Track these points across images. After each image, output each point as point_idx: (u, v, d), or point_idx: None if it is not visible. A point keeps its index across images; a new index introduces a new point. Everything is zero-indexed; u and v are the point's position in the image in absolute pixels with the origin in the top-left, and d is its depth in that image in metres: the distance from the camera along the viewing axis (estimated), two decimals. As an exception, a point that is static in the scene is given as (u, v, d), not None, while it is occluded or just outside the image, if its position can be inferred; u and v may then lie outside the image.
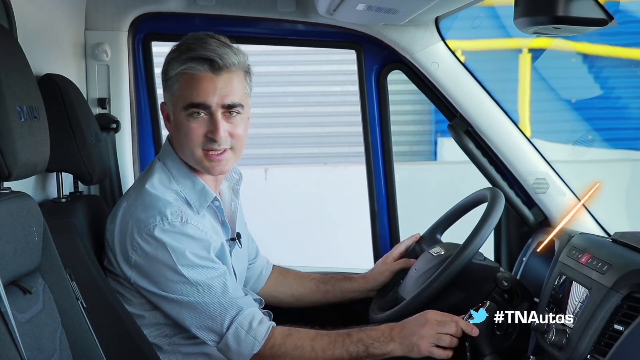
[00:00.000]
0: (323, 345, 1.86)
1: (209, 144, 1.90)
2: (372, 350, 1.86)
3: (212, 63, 1.87)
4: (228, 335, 1.84)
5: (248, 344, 1.84)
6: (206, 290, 1.85)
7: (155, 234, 1.84)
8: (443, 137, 7.23)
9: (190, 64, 1.88)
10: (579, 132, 6.80)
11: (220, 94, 1.89)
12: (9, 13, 1.84)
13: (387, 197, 2.72)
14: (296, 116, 7.30)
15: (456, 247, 2.09)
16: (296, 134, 7.32)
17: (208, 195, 1.95)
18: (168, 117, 1.98)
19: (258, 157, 7.13)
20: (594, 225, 2.43)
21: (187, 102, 1.89)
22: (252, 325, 1.85)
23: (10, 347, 1.29)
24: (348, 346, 1.86)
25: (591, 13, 1.48)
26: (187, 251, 1.85)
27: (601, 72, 7.06)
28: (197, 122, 1.90)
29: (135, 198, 1.93)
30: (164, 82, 1.96)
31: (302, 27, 2.63)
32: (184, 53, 1.90)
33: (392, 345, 1.87)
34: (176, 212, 1.88)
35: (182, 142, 1.93)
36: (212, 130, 1.89)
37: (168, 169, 1.97)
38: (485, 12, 6.02)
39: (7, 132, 1.39)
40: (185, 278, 1.84)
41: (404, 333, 1.87)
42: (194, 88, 1.88)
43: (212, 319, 1.85)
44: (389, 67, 2.64)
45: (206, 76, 1.88)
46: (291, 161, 7.20)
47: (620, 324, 1.65)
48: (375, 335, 1.88)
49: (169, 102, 1.95)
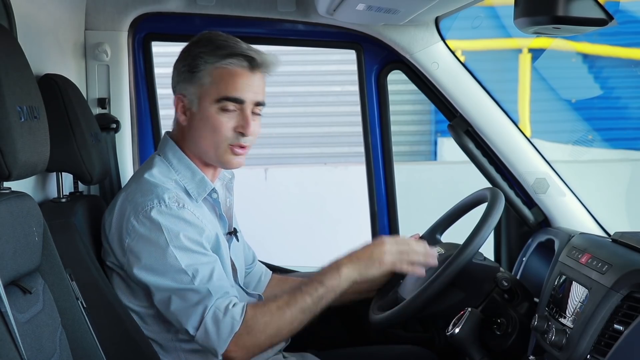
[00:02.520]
0: (286, 300, 1.90)
1: (236, 139, 1.96)
2: (328, 282, 1.92)
3: (251, 61, 1.94)
4: (207, 319, 1.84)
5: (227, 325, 1.84)
6: (195, 275, 1.85)
7: (151, 214, 1.87)
8: (443, 137, 7.23)
9: (231, 59, 1.93)
10: (579, 132, 6.80)
11: (254, 91, 1.96)
12: (9, 13, 1.84)
13: (387, 197, 2.72)
14: (296, 116, 7.30)
15: (456, 247, 2.08)
16: (296, 134, 7.32)
17: (207, 185, 1.98)
18: (184, 109, 2.00)
19: (258, 157, 7.13)
20: (594, 225, 2.43)
21: (221, 96, 1.94)
22: (228, 307, 1.85)
23: (10, 347, 1.29)
24: (306, 289, 1.91)
25: (591, 13, 1.48)
26: (182, 234, 1.87)
27: (601, 72, 7.06)
28: (228, 116, 1.95)
29: (134, 187, 1.95)
30: (186, 75, 1.98)
31: (302, 27, 2.63)
32: (219, 49, 1.94)
33: (344, 270, 1.95)
34: (174, 197, 1.90)
35: (205, 135, 1.96)
36: (242, 125, 1.95)
37: (168, 160, 2.00)
38: (485, 12, 6.02)
39: (7, 132, 1.39)
40: (176, 260, 1.85)
41: (358, 255, 1.98)
42: (231, 83, 1.94)
43: (197, 303, 1.85)
44: (389, 67, 2.64)
45: (244, 73, 1.95)
46: (291, 161, 7.21)
47: (620, 324, 1.65)
48: (326, 268, 1.97)
49: (194, 95, 1.97)
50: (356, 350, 2.43)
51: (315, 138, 7.34)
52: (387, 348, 2.45)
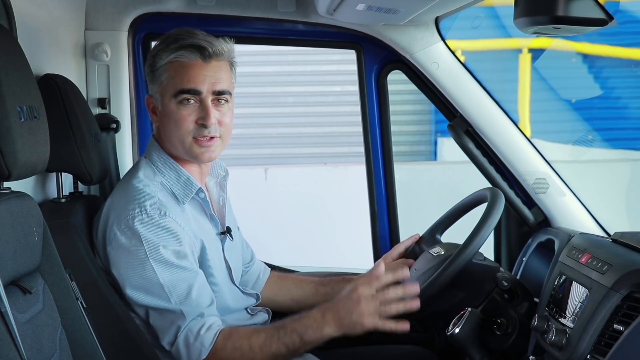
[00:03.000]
0: (260, 343, 1.85)
1: (199, 131, 1.93)
2: (307, 338, 1.85)
3: (202, 50, 1.92)
4: (179, 340, 1.84)
5: (196, 350, 1.84)
6: (172, 292, 1.85)
7: (132, 224, 1.86)
8: (443, 137, 7.23)
9: (181, 52, 1.91)
10: (579, 132, 6.80)
11: (210, 81, 1.93)
12: (9, 13, 1.84)
13: (387, 197, 2.72)
14: (296, 116, 7.30)
15: (456, 247, 2.09)
16: (296, 134, 7.32)
17: (193, 185, 1.97)
18: (154, 110, 2.00)
19: (258, 157, 7.14)
20: (594, 225, 2.43)
21: (177, 89, 1.92)
22: (200, 332, 1.84)
23: (10, 347, 1.29)
24: (283, 338, 1.85)
25: (591, 13, 1.48)
26: (162, 246, 1.85)
27: (601, 72, 7.06)
28: (188, 109, 1.93)
29: (119, 193, 1.95)
30: (149, 75, 1.99)
31: (302, 27, 2.63)
32: (172, 43, 1.93)
33: (327, 329, 1.86)
34: (155, 204, 1.89)
35: (171, 131, 1.95)
36: (202, 117, 1.93)
37: (153, 162, 1.99)
38: (485, 12, 6.02)
39: (7, 132, 1.39)
40: (154, 274, 1.84)
41: (340, 314, 1.85)
42: (184, 75, 1.92)
43: (171, 323, 1.85)
44: (389, 67, 2.64)
45: (196, 64, 1.92)
46: (291, 161, 7.21)
47: (620, 324, 1.66)
48: (308, 322, 1.87)
49: (157, 93, 1.97)
50: (356, 350, 2.43)
51: (315, 138, 7.34)
52: (387, 348, 2.45)
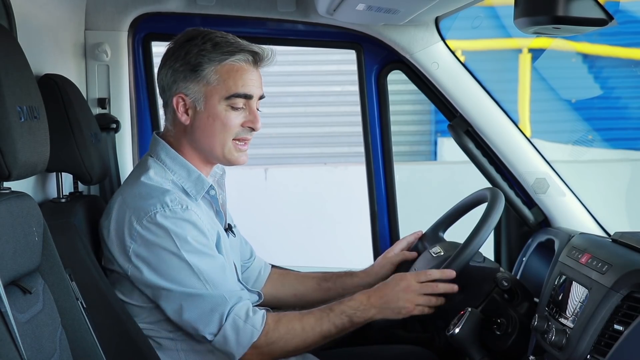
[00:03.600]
0: (311, 324, 1.94)
1: (244, 134, 1.98)
2: (355, 320, 1.97)
3: (255, 56, 1.97)
4: (226, 326, 1.85)
5: (247, 333, 1.85)
6: (207, 280, 1.86)
7: (157, 219, 1.85)
8: (443, 137, 7.23)
9: (237, 56, 1.94)
10: (579, 132, 6.80)
11: (258, 86, 1.99)
12: (9, 13, 1.84)
13: (387, 197, 2.72)
14: (296, 116, 7.31)
15: (456, 247, 2.09)
16: (296, 134, 7.32)
17: (204, 183, 1.98)
18: (187, 109, 1.97)
19: (258, 157, 7.13)
20: (594, 225, 2.43)
21: (230, 93, 1.94)
22: (249, 314, 1.87)
23: (10, 347, 1.29)
24: (333, 320, 1.95)
25: (591, 13, 1.48)
26: (189, 237, 1.86)
27: (601, 72, 7.06)
28: (237, 113, 1.96)
29: (131, 191, 1.93)
30: (187, 73, 1.94)
31: (302, 27, 2.63)
32: (222, 46, 1.94)
33: (373, 311, 1.98)
34: (176, 199, 1.89)
35: (214, 132, 1.96)
36: (252, 120, 1.97)
37: (162, 161, 1.98)
38: (485, 12, 6.01)
39: (7, 132, 1.39)
40: (188, 265, 1.85)
41: (387, 299, 1.99)
42: (239, 79, 1.95)
43: (212, 310, 1.85)
44: (389, 67, 2.64)
45: (249, 68, 1.97)
46: (291, 161, 7.21)
47: (620, 324, 1.65)
48: (355, 305, 1.97)
49: (199, 93, 1.95)
50: (356, 350, 2.43)
51: (315, 138, 7.34)
52: (387, 348, 2.45)
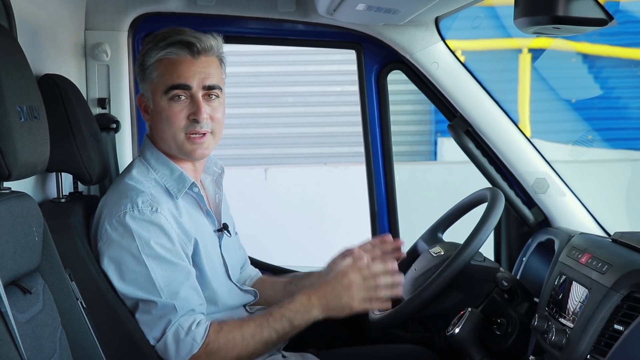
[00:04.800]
0: (251, 331, 1.89)
1: (191, 127, 1.95)
2: (296, 322, 1.91)
3: (190, 46, 1.94)
4: (168, 334, 1.84)
5: (187, 345, 1.84)
6: (163, 286, 1.85)
7: (124, 220, 1.86)
8: (443, 137, 7.23)
9: (170, 49, 1.93)
10: (579, 132, 6.80)
11: (199, 76, 1.94)
12: (9, 13, 1.84)
13: (387, 197, 2.72)
14: (296, 116, 7.30)
15: (456, 247, 2.09)
16: (296, 134, 7.32)
17: (186, 181, 1.97)
18: (146, 108, 2.01)
19: (258, 157, 7.13)
20: (594, 225, 2.43)
21: (167, 86, 1.94)
22: (191, 328, 1.85)
23: (10, 347, 1.29)
24: (273, 325, 1.90)
25: (591, 13, 1.48)
26: (152, 241, 1.86)
27: (601, 72, 7.06)
28: (179, 105, 1.95)
29: (112, 191, 1.96)
30: (140, 74, 2.00)
31: (302, 27, 2.63)
32: (160, 41, 1.95)
33: (315, 312, 1.92)
34: (147, 200, 1.89)
35: (163, 128, 1.96)
36: (194, 112, 1.94)
37: (147, 160, 2.00)
38: (485, 12, 6.02)
39: (7, 132, 1.39)
40: (146, 269, 1.85)
41: (328, 297, 1.92)
42: (174, 71, 1.93)
43: (160, 317, 1.85)
44: (389, 67, 2.64)
45: (185, 60, 1.94)
46: (291, 161, 7.20)
47: (620, 324, 1.66)
48: (295, 307, 1.92)
49: (148, 92, 1.99)
50: (356, 350, 2.43)
51: (315, 138, 7.34)
52: (387, 348, 2.45)
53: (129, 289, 1.86)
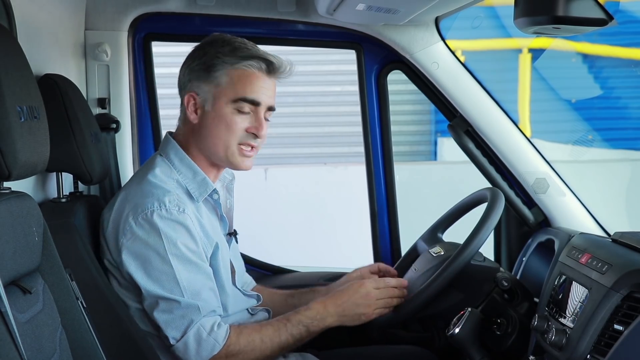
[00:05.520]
0: (270, 335, 1.94)
1: (247, 139, 1.99)
2: (312, 329, 1.98)
3: (269, 64, 1.98)
4: (190, 334, 1.85)
5: (209, 345, 1.86)
6: (187, 287, 1.86)
7: (152, 218, 1.87)
8: (443, 137, 7.23)
9: (250, 61, 1.96)
10: (579, 132, 6.80)
11: (269, 95, 2.00)
12: (9, 13, 1.84)
13: (387, 197, 2.72)
14: (296, 116, 7.30)
15: (456, 247, 2.09)
16: (296, 134, 7.31)
17: (208, 186, 1.99)
18: (196, 108, 2.00)
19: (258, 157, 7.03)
20: (594, 225, 2.43)
21: (238, 96, 1.96)
22: (213, 328, 1.87)
23: (10, 347, 1.29)
24: (291, 330, 1.96)
25: (591, 13, 1.48)
26: (179, 241, 1.87)
27: (601, 72, 7.06)
28: (242, 117, 1.98)
29: (135, 187, 1.95)
30: (200, 73, 1.98)
31: (302, 27, 2.63)
32: (238, 50, 1.97)
33: (330, 320, 2.00)
34: (174, 200, 1.90)
35: (219, 133, 1.97)
36: (256, 127, 1.99)
37: (170, 160, 2.00)
38: (485, 12, 6.02)
39: (7, 132, 1.39)
40: (171, 268, 1.85)
41: (344, 306, 2.01)
42: (248, 84, 1.97)
43: (182, 317, 1.86)
44: (389, 67, 2.64)
45: (261, 76, 1.98)
46: (291, 161, 7.20)
47: (620, 324, 1.66)
48: (311, 314, 1.99)
49: (209, 94, 1.98)
50: (356, 350, 2.43)
51: (315, 138, 7.34)
52: (387, 348, 2.45)
53: (153, 287, 1.86)
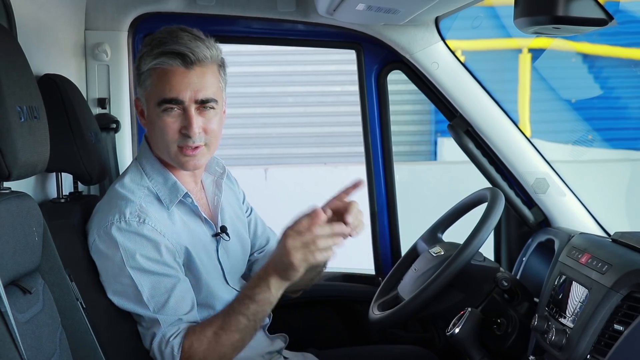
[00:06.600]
0: (219, 324, 1.83)
1: (183, 141, 1.88)
2: (258, 298, 1.81)
3: (183, 57, 1.84)
4: (154, 346, 1.84)
5: (168, 356, 1.83)
6: (150, 299, 1.84)
7: (111, 231, 1.84)
8: (443, 137, 7.23)
9: (162, 58, 1.85)
10: (579, 132, 6.80)
11: (192, 89, 1.85)
12: (9, 13, 1.84)
13: (387, 197, 2.72)
14: (296, 116, 7.31)
15: (456, 247, 2.09)
16: (296, 134, 7.32)
17: (179, 190, 1.93)
18: (142, 112, 1.96)
19: (258, 157, 7.14)
20: (594, 225, 2.43)
21: (159, 98, 1.86)
22: (169, 339, 1.83)
23: (10, 347, 1.29)
24: (238, 308, 1.82)
25: (591, 13, 1.48)
26: (138, 254, 1.83)
27: (601, 72, 7.07)
28: (171, 118, 1.87)
29: (105, 198, 1.94)
30: (137, 77, 1.93)
31: (302, 27, 2.62)
32: (155, 47, 1.87)
33: (272, 282, 1.80)
34: (135, 211, 1.86)
35: (156, 138, 1.92)
36: (185, 126, 1.87)
37: (142, 166, 1.96)
38: (485, 12, 6.02)
39: (7, 132, 1.39)
40: (132, 281, 1.83)
41: (276, 262, 1.79)
42: (166, 83, 1.85)
43: (147, 328, 1.86)
44: (389, 67, 2.64)
45: (178, 71, 1.85)
46: (291, 161, 7.21)
47: (620, 324, 1.66)
48: (252, 284, 1.83)
49: (143, 98, 1.93)
50: (356, 350, 2.43)
51: (315, 138, 7.34)
52: (387, 348, 2.45)
53: (120, 301, 1.86)
